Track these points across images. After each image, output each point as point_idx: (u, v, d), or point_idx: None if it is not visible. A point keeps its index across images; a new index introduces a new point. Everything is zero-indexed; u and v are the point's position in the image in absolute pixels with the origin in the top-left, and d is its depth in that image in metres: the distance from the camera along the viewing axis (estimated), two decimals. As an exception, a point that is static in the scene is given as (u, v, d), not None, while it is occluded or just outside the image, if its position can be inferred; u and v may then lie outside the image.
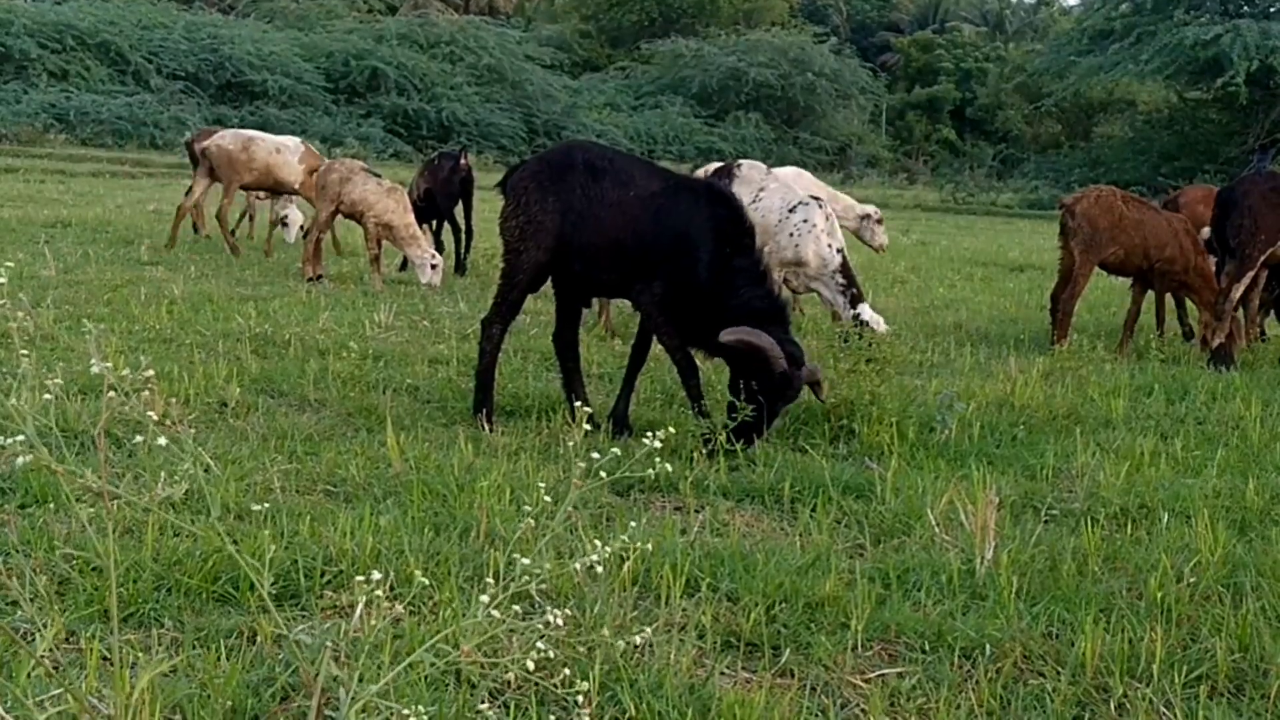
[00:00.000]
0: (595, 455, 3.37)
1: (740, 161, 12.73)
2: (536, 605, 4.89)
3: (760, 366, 7.33)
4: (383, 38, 54.83)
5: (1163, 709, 4.34)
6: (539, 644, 2.78)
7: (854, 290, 10.97)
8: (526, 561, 2.86)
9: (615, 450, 3.34)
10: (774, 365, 7.30)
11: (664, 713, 3.99)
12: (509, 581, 2.86)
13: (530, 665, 2.73)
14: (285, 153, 16.55)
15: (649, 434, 3.45)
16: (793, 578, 5.24)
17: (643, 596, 5.09)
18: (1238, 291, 12.05)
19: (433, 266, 14.06)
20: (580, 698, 3.02)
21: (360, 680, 3.08)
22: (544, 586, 4.95)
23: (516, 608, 2.96)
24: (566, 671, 3.15)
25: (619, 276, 7.88)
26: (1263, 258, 11.95)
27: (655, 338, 8.01)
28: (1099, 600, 5.22)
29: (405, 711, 2.72)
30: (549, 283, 8.26)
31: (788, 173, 13.54)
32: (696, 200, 7.83)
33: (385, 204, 14.05)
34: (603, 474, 3.21)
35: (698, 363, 7.90)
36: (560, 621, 2.87)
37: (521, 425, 7.87)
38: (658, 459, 3.42)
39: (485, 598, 2.69)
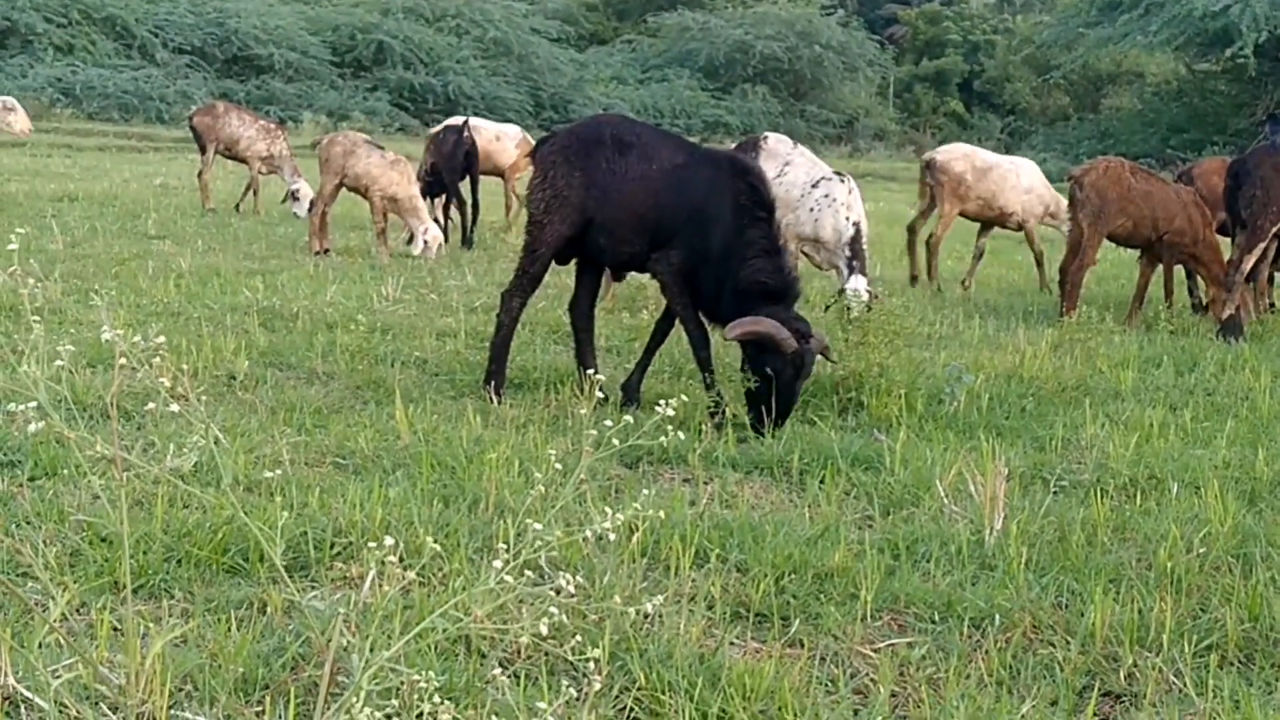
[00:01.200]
0: (607, 424, 3.36)
1: (767, 135, 12.74)
2: (547, 575, 4.89)
3: (772, 350, 7.32)
4: (389, 11, 54.61)
5: (1172, 678, 4.34)
6: (551, 609, 2.78)
7: (857, 263, 10.96)
8: (539, 527, 2.86)
9: (628, 418, 3.32)
10: (784, 347, 7.29)
11: (674, 682, 4.00)
12: (520, 549, 2.86)
13: (543, 630, 2.73)
14: (504, 139, 17.18)
15: (660, 403, 3.43)
16: (802, 549, 5.24)
17: (652, 567, 5.10)
18: (1248, 263, 12.02)
19: (425, 242, 14.07)
20: (591, 664, 3.02)
21: (372, 649, 3.09)
22: (554, 557, 4.96)
23: (530, 574, 2.96)
24: (578, 639, 3.14)
25: (640, 249, 7.91)
26: (1274, 229, 11.91)
27: (670, 306, 8.01)
28: (1108, 570, 5.22)
29: (416, 677, 2.72)
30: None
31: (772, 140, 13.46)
32: (718, 171, 7.87)
33: (390, 177, 14.03)
34: (614, 442, 3.19)
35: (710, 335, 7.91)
36: (572, 589, 2.86)
37: (530, 398, 7.87)
38: (676, 431, 3.40)
39: (499, 563, 2.69)
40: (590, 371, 4.02)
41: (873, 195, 28.85)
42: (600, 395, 7.58)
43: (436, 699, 2.68)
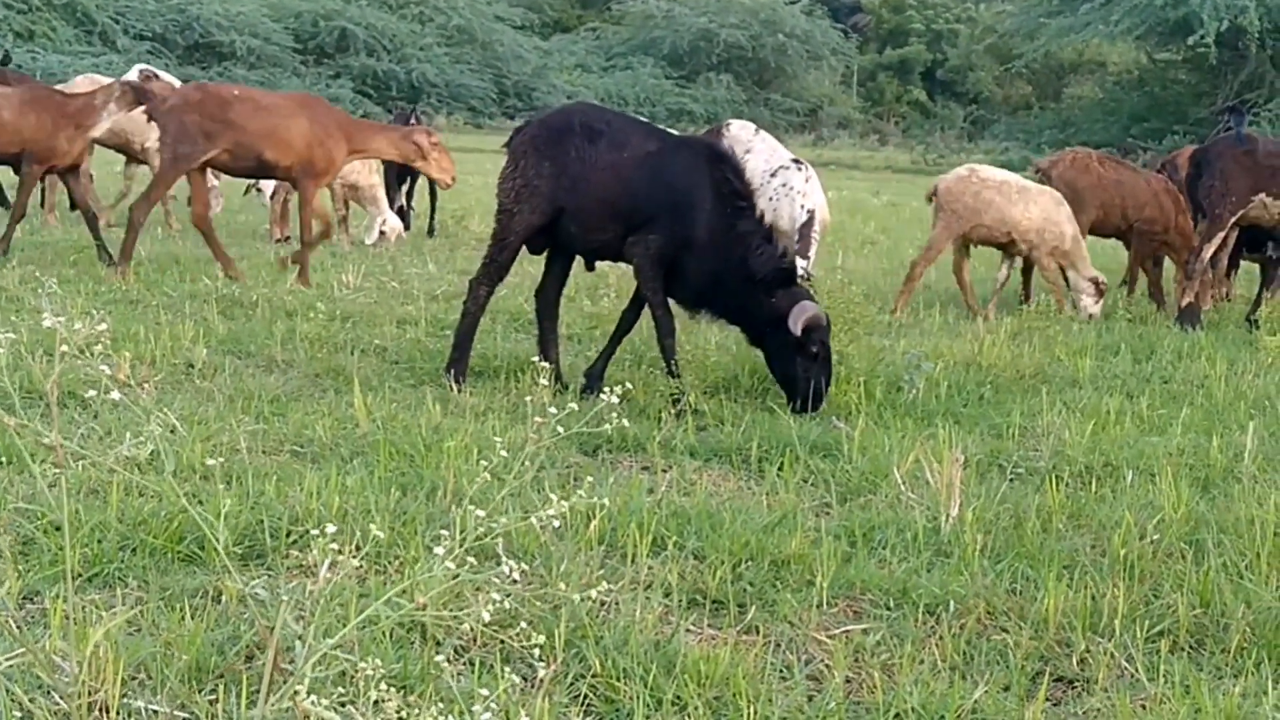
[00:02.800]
0: (552, 411, 3.36)
1: (730, 122, 12.78)
2: (504, 563, 4.89)
3: (817, 330, 7.53)
4: (352, -2, 54.49)
5: (1124, 664, 4.38)
6: (494, 596, 2.78)
7: (800, 245, 10.96)
8: (481, 514, 2.86)
9: (572, 405, 3.33)
10: (822, 320, 7.58)
11: (629, 669, 4.01)
12: (464, 535, 2.86)
13: (485, 617, 2.74)
14: None
15: (605, 389, 3.43)
16: (759, 536, 5.26)
17: (609, 555, 5.10)
18: (1208, 251, 12.11)
19: (381, 232, 14.04)
20: (537, 651, 3.02)
21: (328, 634, 3.09)
22: (511, 544, 4.97)
23: (473, 561, 2.96)
24: (524, 626, 3.15)
25: (612, 237, 7.92)
26: (1233, 219, 11.99)
27: (641, 290, 8.03)
28: (1063, 557, 5.25)
29: (363, 664, 2.72)
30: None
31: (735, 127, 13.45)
32: (695, 158, 7.94)
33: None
34: (559, 429, 3.20)
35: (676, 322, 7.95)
36: (517, 575, 2.87)
37: (490, 385, 7.87)
38: (623, 418, 3.41)
39: (440, 550, 2.69)
40: (538, 359, 4.07)
41: (835, 184, 28.93)
42: (559, 384, 7.64)
43: (384, 686, 2.68)
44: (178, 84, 12.83)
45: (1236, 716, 3.95)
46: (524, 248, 8.19)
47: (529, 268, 13.27)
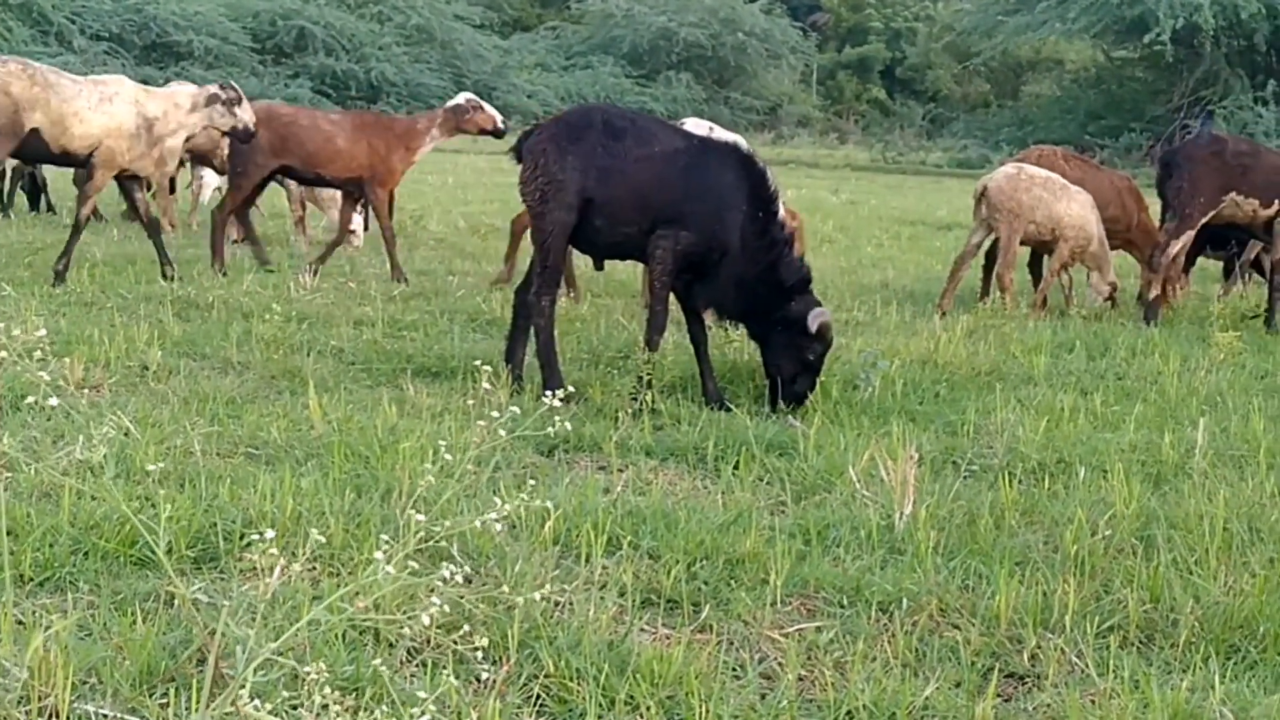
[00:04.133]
0: (495, 414, 3.37)
1: (685, 120, 12.79)
2: (459, 565, 4.90)
3: (820, 337, 7.70)
4: (310, -3, 54.26)
5: (1074, 659, 4.41)
6: (435, 600, 2.79)
7: None
8: (421, 518, 2.87)
9: (514, 409, 3.33)
10: (831, 329, 7.83)
11: (582, 669, 4.02)
12: (407, 538, 2.87)
13: (426, 620, 2.74)
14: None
15: (546, 394, 3.44)
16: (714, 535, 5.28)
17: (564, 555, 5.12)
18: (1174, 249, 12.21)
19: (351, 231, 13.97)
20: (481, 654, 3.03)
21: (274, 639, 3.09)
22: (465, 546, 4.97)
23: (414, 565, 2.96)
24: (468, 628, 3.15)
25: (636, 232, 7.92)
26: (1204, 218, 12.08)
27: (651, 280, 8.06)
28: (1015, 554, 5.29)
29: (308, 669, 2.73)
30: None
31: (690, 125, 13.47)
32: (727, 159, 8.04)
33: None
34: (501, 432, 3.21)
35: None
36: (460, 578, 2.87)
37: (447, 386, 7.86)
38: (566, 421, 3.42)
39: (379, 554, 2.70)
40: (479, 363, 4.10)
41: (795, 183, 29.07)
42: (517, 384, 7.64)
43: (329, 690, 2.68)
44: (497, 115, 13.11)
45: (1184, 711, 3.99)
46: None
47: (486, 267, 13.30)
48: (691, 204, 7.81)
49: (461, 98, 12.85)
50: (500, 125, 12.73)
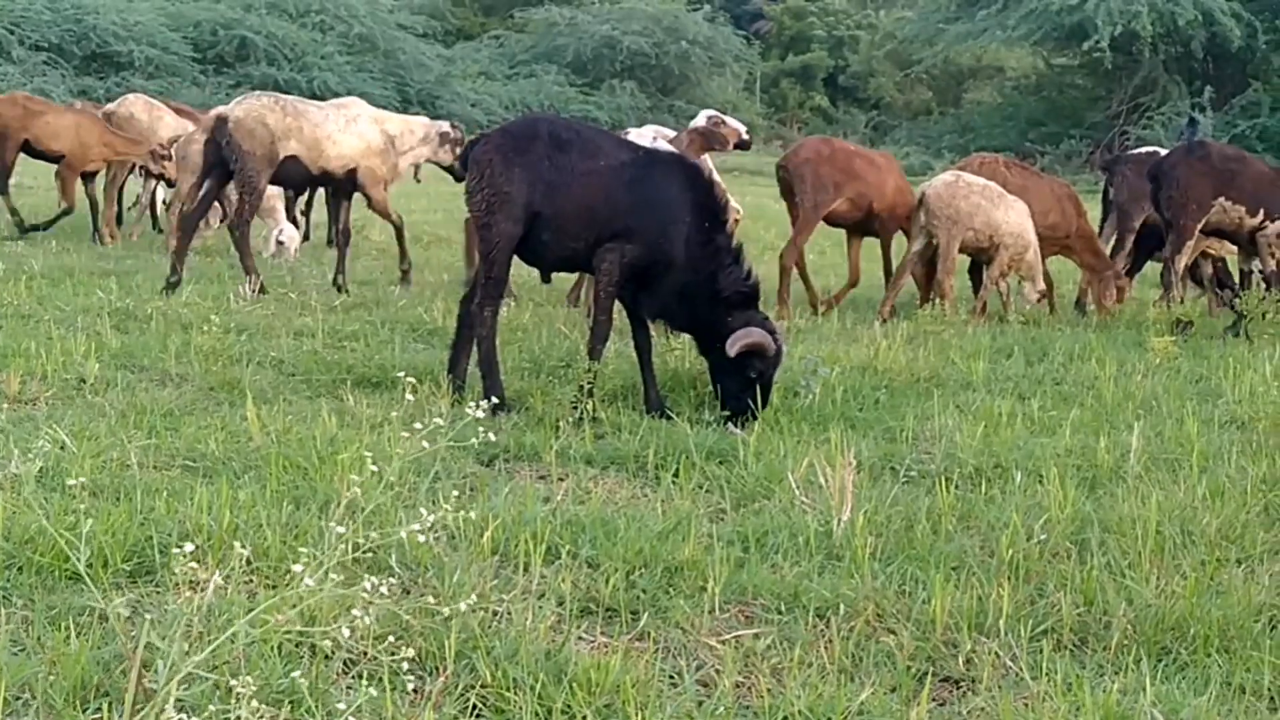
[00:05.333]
0: (418, 426, 3.37)
1: (629, 130, 12.87)
2: (394, 576, 4.90)
3: (759, 355, 7.62)
4: (251, 7, 53.86)
5: (1009, 663, 4.46)
6: (356, 611, 2.79)
7: None
8: (341, 530, 2.87)
9: (438, 421, 3.34)
10: (768, 352, 7.65)
11: (519, 679, 4.02)
12: (333, 550, 2.87)
13: (346, 632, 2.74)
14: None
15: (475, 405, 3.44)
16: (653, 543, 5.30)
17: (503, 565, 5.12)
18: (1181, 262, 12.40)
19: (279, 242, 13.91)
20: (406, 664, 3.03)
21: (213, 651, 3.08)
22: (403, 556, 4.97)
23: (335, 578, 2.96)
24: (393, 638, 3.15)
25: (583, 246, 7.90)
26: (1198, 225, 12.22)
27: (596, 290, 8.04)
28: (951, 558, 5.34)
29: (234, 681, 2.72)
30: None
31: (644, 132, 13.52)
32: (672, 171, 8.04)
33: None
34: (425, 444, 3.21)
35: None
36: (387, 589, 2.87)
37: (387, 397, 7.83)
38: (490, 431, 3.43)
39: (298, 567, 2.70)
40: (403, 375, 4.12)
41: (739, 190, 28.97)
42: (457, 394, 7.63)
43: (256, 702, 2.68)
44: (741, 127, 12.94)
45: (1115, 713, 4.04)
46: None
47: (429, 276, 13.27)
48: (638, 218, 7.81)
49: (701, 117, 12.54)
50: (746, 136, 12.48)
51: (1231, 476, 6.65)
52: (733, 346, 7.57)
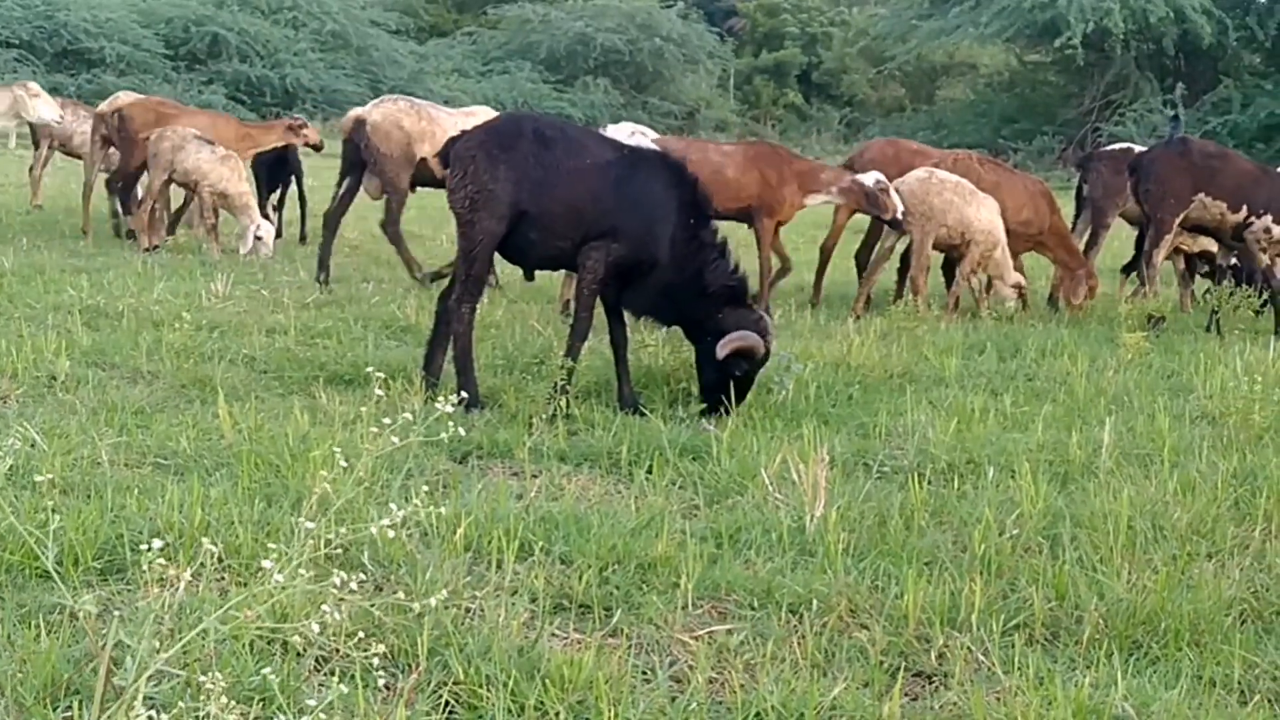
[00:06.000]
0: (387, 420, 3.37)
1: (607, 126, 12.89)
2: (366, 572, 4.89)
3: (746, 356, 7.64)
4: (223, 3, 53.63)
5: (981, 657, 4.47)
6: (326, 608, 2.78)
7: None
8: (310, 525, 2.86)
9: (407, 415, 3.33)
10: (757, 353, 7.67)
11: (492, 675, 4.02)
12: (301, 546, 2.86)
13: (316, 628, 2.74)
14: None
15: (443, 400, 3.43)
16: (626, 539, 5.30)
17: (477, 562, 5.11)
18: (1159, 256, 12.46)
19: (256, 238, 13.85)
20: (376, 660, 3.03)
21: (185, 650, 3.07)
22: (376, 553, 4.96)
23: (303, 573, 2.96)
24: (363, 634, 3.15)
25: (569, 246, 7.86)
26: (1176, 220, 12.28)
27: (578, 287, 8.00)
28: (924, 554, 5.35)
29: (202, 678, 2.71)
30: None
31: (621, 129, 13.52)
32: (656, 169, 7.99)
33: (220, 172, 13.81)
34: (395, 440, 3.20)
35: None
36: (357, 584, 2.87)
37: (360, 394, 7.81)
38: (459, 426, 3.43)
39: (267, 563, 2.69)
40: (372, 369, 4.11)
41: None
42: (432, 391, 7.60)
43: (225, 699, 2.67)
44: (900, 207, 12.52)
45: (1086, 707, 4.05)
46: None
47: (400, 274, 13.23)
48: (624, 217, 7.79)
49: (870, 178, 12.30)
50: (900, 215, 12.12)
51: (1202, 471, 6.67)
52: (722, 349, 7.58)
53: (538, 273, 10.89)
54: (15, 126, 14.19)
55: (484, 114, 12.94)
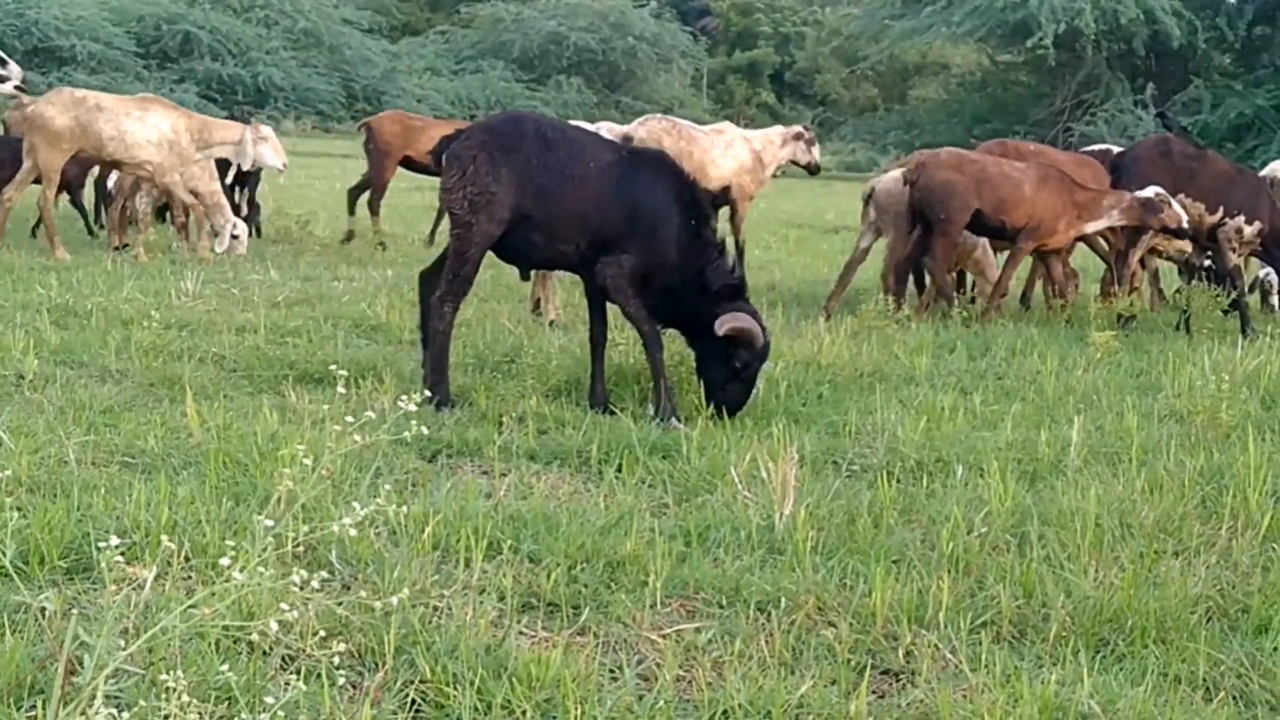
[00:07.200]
0: (350, 419, 3.36)
1: (582, 125, 12.88)
2: (337, 572, 4.88)
3: (748, 345, 7.58)
4: (195, 1, 53.57)
5: (948, 655, 4.48)
6: (284, 605, 2.78)
7: None
8: (270, 524, 2.86)
9: (370, 414, 3.33)
10: (758, 342, 7.60)
11: (459, 674, 4.02)
12: (262, 544, 2.86)
13: (274, 626, 2.73)
14: None
15: (406, 398, 3.43)
16: (595, 538, 5.29)
17: (445, 560, 5.10)
18: (1135, 256, 12.49)
19: (234, 236, 13.79)
20: (337, 659, 3.02)
21: (151, 650, 3.06)
22: (344, 551, 4.96)
23: (262, 571, 2.95)
24: (323, 632, 3.14)
25: (573, 250, 7.81)
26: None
27: (622, 311, 7.91)
28: (892, 552, 5.36)
29: (164, 677, 2.70)
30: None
31: (599, 129, 13.51)
32: (658, 171, 7.93)
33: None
34: (356, 439, 3.20)
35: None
36: (316, 584, 2.86)
37: (330, 392, 7.78)
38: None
39: (225, 560, 2.68)
40: (334, 367, 4.12)
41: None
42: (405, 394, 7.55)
43: (186, 697, 2.66)
44: (1185, 218, 12.45)
45: (1052, 704, 4.06)
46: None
47: (372, 272, 13.22)
48: (629, 222, 7.73)
49: (1150, 191, 12.04)
50: (1186, 224, 11.96)
51: (1170, 470, 6.69)
52: (721, 326, 7.51)
53: (503, 269, 10.88)
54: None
55: (731, 131, 14.96)
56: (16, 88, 13.86)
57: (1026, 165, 12.29)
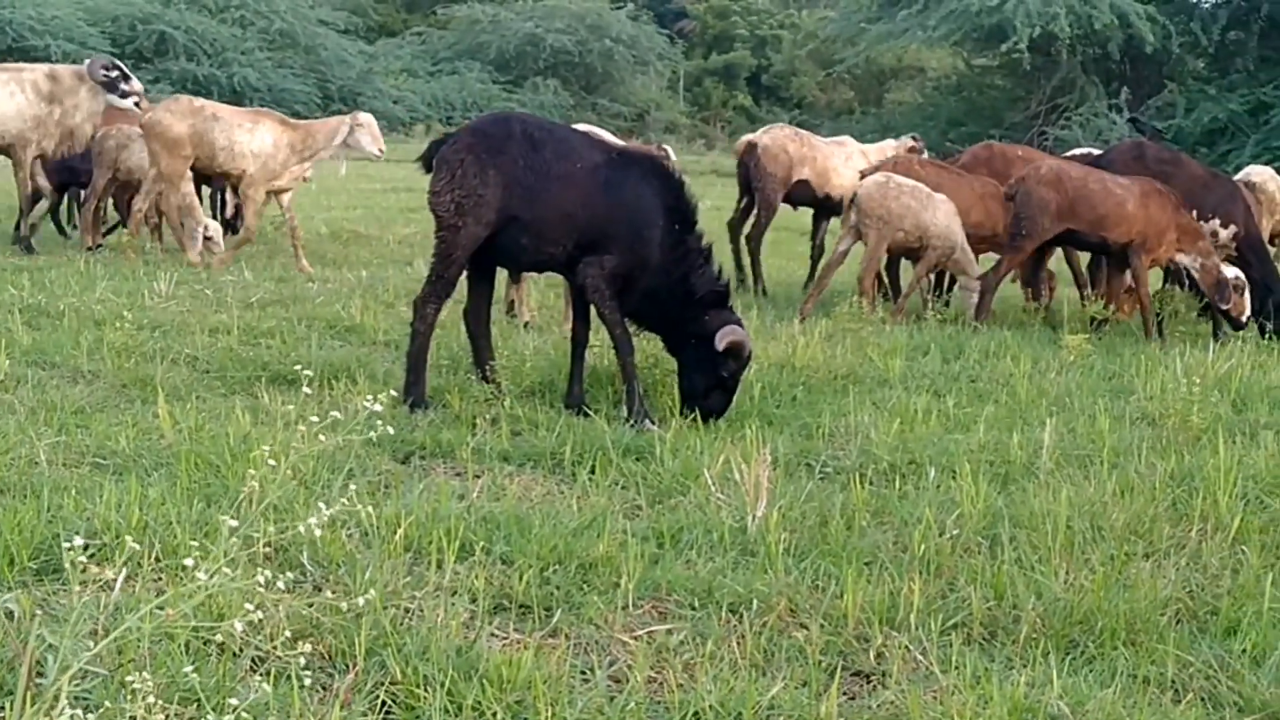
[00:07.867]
0: (314, 419, 3.36)
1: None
2: (309, 573, 4.87)
3: (735, 354, 7.58)
4: (170, 1, 53.32)
5: (919, 656, 4.49)
6: (248, 606, 2.77)
7: None
8: (234, 524, 2.85)
9: (336, 414, 3.32)
10: (744, 351, 7.63)
11: (430, 675, 4.01)
12: (227, 545, 2.85)
13: (239, 626, 2.73)
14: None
15: (373, 398, 3.42)
16: (567, 539, 5.30)
17: (417, 562, 5.10)
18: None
19: (206, 238, 13.72)
20: (304, 660, 3.01)
21: (120, 651, 3.05)
22: (315, 553, 4.95)
23: (226, 571, 2.94)
24: (288, 634, 3.13)
25: (560, 252, 7.79)
26: None
27: (596, 311, 7.89)
28: (864, 554, 5.37)
29: (130, 678, 2.70)
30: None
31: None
32: (645, 173, 7.91)
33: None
34: (321, 439, 3.19)
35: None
36: (282, 584, 2.85)
37: (302, 394, 7.77)
38: (388, 425, 3.42)
39: (189, 561, 2.68)
40: (299, 367, 4.11)
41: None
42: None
43: (152, 699, 2.65)
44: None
45: (1022, 705, 4.08)
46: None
47: (347, 273, 13.19)
48: (615, 223, 7.72)
49: (1230, 273, 11.86)
50: (1243, 320, 11.80)
51: (1141, 472, 6.73)
52: (721, 341, 7.52)
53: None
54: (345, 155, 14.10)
55: (851, 144, 16.05)
56: (135, 104, 13.78)
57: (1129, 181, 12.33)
